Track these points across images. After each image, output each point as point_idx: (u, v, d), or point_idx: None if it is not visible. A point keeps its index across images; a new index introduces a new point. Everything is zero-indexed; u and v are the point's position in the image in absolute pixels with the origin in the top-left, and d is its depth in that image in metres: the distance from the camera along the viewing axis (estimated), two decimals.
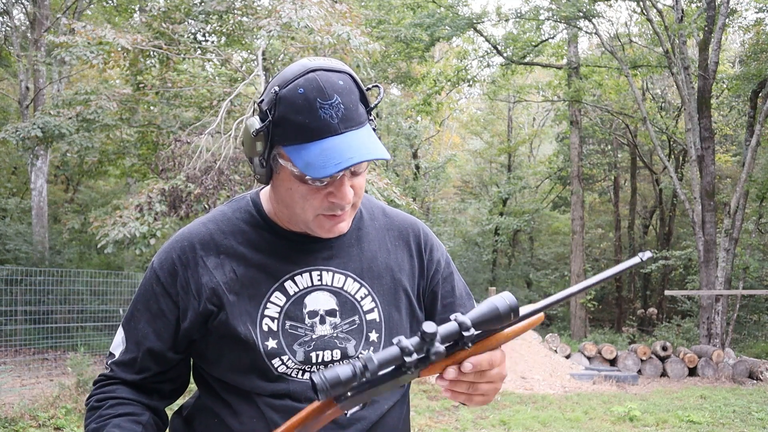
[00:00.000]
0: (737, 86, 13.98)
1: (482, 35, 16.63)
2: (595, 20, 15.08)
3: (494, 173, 25.16)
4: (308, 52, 9.17)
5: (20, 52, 13.09)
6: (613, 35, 17.22)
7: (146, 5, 10.67)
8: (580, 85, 16.19)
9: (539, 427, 6.61)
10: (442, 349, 0.96)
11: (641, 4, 14.01)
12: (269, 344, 1.16)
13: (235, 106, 9.29)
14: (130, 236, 7.04)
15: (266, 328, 1.17)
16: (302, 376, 1.18)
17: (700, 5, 13.98)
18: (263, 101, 1.10)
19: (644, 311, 19.17)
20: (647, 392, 9.06)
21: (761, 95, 13.10)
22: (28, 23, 15.06)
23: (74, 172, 13.33)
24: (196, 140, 8.00)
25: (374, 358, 0.93)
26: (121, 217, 7.23)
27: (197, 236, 1.22)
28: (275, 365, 1.16)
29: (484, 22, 16.03)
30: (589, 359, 11.00)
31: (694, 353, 10.78)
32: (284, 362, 1.17)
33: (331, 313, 1.20)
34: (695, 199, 12.74)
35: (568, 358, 11.06)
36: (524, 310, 1.05)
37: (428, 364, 0.98)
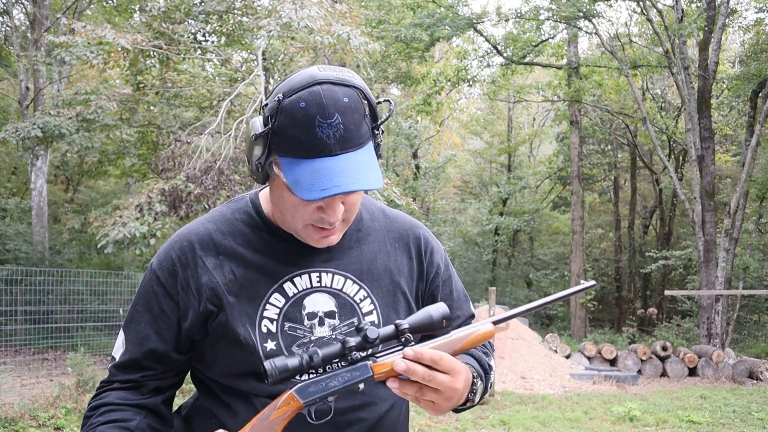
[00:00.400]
0: (737, 86, 13.98)
1: (482, 35, 16.63)
2: (595, 20, 15.08)
3: (494, 173, 25.15)
4: (308, 52, 9.18)
5: (20, 52, 13.09)
6: (613, 35, 17.22)
7: (146, 5, 10.67)
8: (580, 85, 16.19)
9: (539, 427, 6.61)
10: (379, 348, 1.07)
11: (641, 4, 14.01)
12: (268, 346, 1.16)
13: (235, 106, 9.30)
14: (130, 236, 7.05)
15: (265, 329, 1.17)
16: (301, 377, 1.18)
17: (700, 5, 13.98)
18: (267, 105, 1.09)
19: (644, 311, 19.16)
20: (647, 392, 9.06)
21: (761, 95, 13.10)
22: (28, 23, 15.06)
23: (74, 172, 13.33)
24: (196, 140, 8.00)
25: (319, 351, 1.06)
26: (121, 217, 7.23)
27: (196, 236, 1.22)
28: None
29: (484, 22, 16.03)
30: (589, 359, 11.00)
31: (694, 353, 10.79)
32: None
33: (330, 314, 1.20)
34: (695, 199, 12.74)
35: (568, 358, 11.06)
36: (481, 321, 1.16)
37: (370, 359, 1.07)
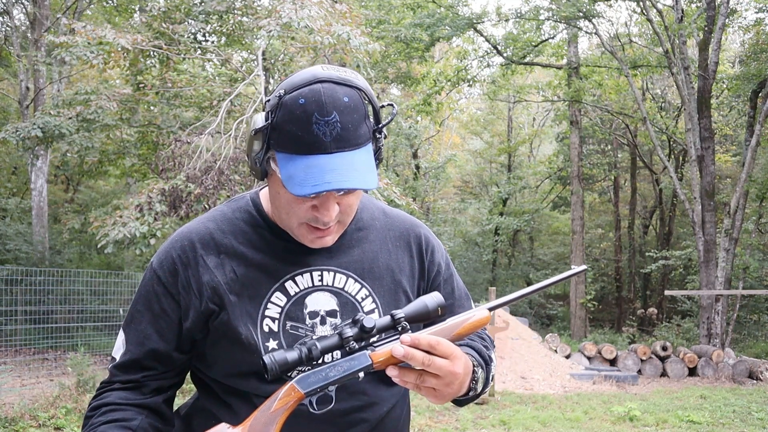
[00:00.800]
0: (737, 86, 13.98)
1: (482, 35, 16.63)
2: (595, 20, 15.09)
3: (494, 173, 25.15)
4: (308, 52, 9.17)
5: (20, 52, 13.09)
6: (613, 35, 17.22)
7: (146, 5, 10.67)
8: (580, 85, 16.19)
9: (539, 427, 6.61)
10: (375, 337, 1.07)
11: (641, 4, 14.01)
12: (270, 345, 1.16)
13: (235, 106, 9.30)
14: (130, 236, 7.04)
15: (267, 328, 1.16)
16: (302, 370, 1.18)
17: (700, 5, 13.98)
18: (269, 101, 1.10)
19: (644, 311, 19.15)
20: (647, 392, 9.06)
21: (761, 95, 13.10)
22: (28, 23, 15.06)
23: (74, 172, 13.33)
24: (196, 140, 8.00)
25: (318, 344, 1.05)
26: (121, 217, 7.22)
27: (197, 235, 1.21)
28: None
29: (484, 22, 16.03)
30: (589, 359, 11.00)
31: (694, 353, 10.79)
32: None
33: (331, 313, 1.19)
34: (695, 199, 12.74)
35: (568, 358, 11.06)
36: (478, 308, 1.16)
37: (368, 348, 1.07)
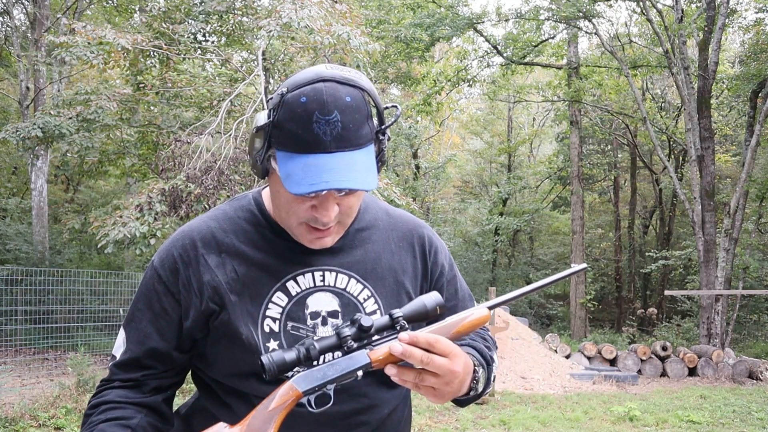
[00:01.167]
0: (737, 86, 13.99)
1: (482, 35, 16.63)
2: (595, 20, 15.09)
3: (494, 173, 25.16)
4: (308, 52, 9.17)
5: (20, 52, 13.08)
6: (613, 35, 17.23)
7: (146, 5, 10.66)
8: (580, 85, 16.20)
9: (539, 427, 6.61)
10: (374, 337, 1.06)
11: (641, 4, 14.01)
12: (270, 345, 1.15)
13: (235, 106, 9.29)
14: (130, 236, 7.03)
15: (268, 329, 1.16)
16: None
17: (700, 5, 13.98)
18: (271, 99, 1.09)
19: (644, 311, 19.15)
20: (647, 392, 9.06)
21: (761, 95, 13.10)
22: (28, 23, 15.05)
23: (74, 172, 13.32)
24: (196, 140, 8.00)
25: (316, 344, 1.04)
26: (121, 217, 7.22)
27: (198, 234, 1.21)
28: None
29: (484, 22, 16.03)
30: (589, 359, 11.00)
31: (694, 353, 10.78)
32: None
33: (333, 314, 1.18)
34: (695, 199, 12.74)
35: (568, 358, 11.05)
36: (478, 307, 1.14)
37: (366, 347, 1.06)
